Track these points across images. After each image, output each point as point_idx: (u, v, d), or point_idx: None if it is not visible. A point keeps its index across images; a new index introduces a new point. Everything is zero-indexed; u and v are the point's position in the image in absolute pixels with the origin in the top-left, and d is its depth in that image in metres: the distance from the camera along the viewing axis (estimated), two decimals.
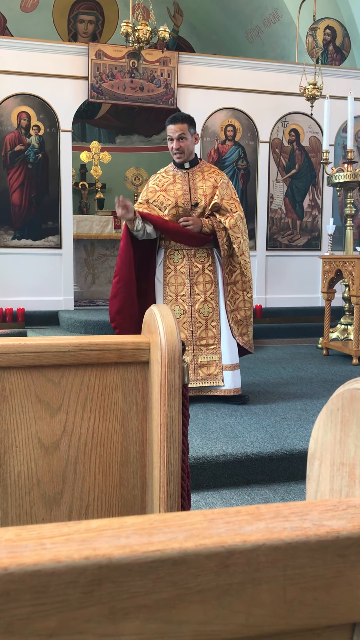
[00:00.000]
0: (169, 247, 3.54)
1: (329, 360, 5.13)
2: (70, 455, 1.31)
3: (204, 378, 3.53)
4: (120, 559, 0.42)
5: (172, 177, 3.54)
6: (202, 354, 3.54)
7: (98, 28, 9.41)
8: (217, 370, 3.54)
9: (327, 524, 0.47)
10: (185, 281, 3.52)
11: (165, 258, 3.54)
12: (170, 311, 1.26)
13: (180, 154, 3.48)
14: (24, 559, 0.41)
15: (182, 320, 3.52)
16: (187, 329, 3.53)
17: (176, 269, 3.52)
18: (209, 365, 3.54)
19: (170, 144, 3.50)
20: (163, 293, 3.54)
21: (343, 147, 7.02)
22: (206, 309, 3.53)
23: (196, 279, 3.52)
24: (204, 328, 3.54)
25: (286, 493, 2.68)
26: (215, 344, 3.55)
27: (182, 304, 3.52)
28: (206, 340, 3.54)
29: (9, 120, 6.25)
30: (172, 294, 3.53)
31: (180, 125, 3.44)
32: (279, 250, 7.08)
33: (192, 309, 3.52)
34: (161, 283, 3.55)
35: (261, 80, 6.80)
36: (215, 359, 3.54)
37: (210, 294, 3.53)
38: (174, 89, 6.59)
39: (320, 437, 0.73)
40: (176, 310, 3.52)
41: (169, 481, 1.17)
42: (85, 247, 8.21)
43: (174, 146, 3.47)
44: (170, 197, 3.46)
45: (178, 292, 3.53)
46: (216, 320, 3.54)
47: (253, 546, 0.45)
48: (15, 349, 1.25)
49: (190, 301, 3.52)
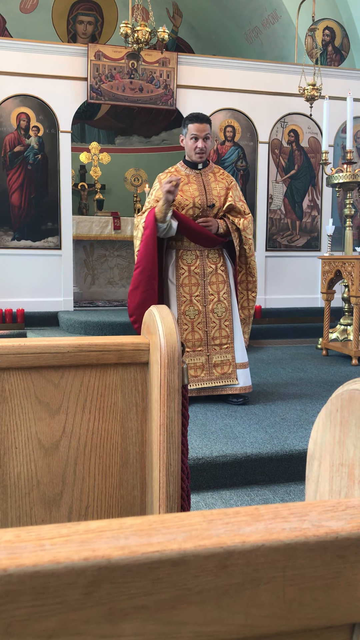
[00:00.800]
0: (181, 248, 3.53)
1: (329, 361, 5.13)
2: (70, 456, 1.31)
3: (219, 377, 3.55)
4: (119, 560, 0.42)
5: (185, 177, 3.53)
6: (216, 353, 3.55)
7: (97, 29, 9.42)
8: (231, 369, 3.57)
9: (326, 525, 0.47)
10: (199, 282, 3.52)
11: (177, 259, 3.53)
12: (170, 312, 1.26)
13: (202, 154, 3.48)
14: (23, 560, 0.41)
15: (197, 320, 3.52)
16: (202, 330, 3.53)
17: (190, 269, 3.52)
18: (223, 364, 3.56)
19: (192, 143, 3.46)
20: (176, 294, 3.52)
21: (342, 148, 7.03)
22: (220, 308, 3.55)
23: (210, 279, 3.53)
24: (217, 328, 3.55)
25: (286, 494, 2.68)
26: (229, 343, 3.57)
27: (196, 305, 3.52)
28: (220, 340, 3.56)
29: (8, 121, 6.25)
30: (186, 295, 3.53)
31: (206, 125, 3.44)
32: (278, 251, 7.09)
33: (206, 309, 3.53)
34: (174, 284, 3.53)
35: (260, 81, 6.81)
36: (229, 358, 3.57)
37: (223, 294, 3.56)
38: (173, 89, 6.59)
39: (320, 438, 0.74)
40: (190, 311, 3.52)
41: (169, 482, 1.17)
42: (84, 248, 8.21)
43: (198, 145, 3.45)
44: (188, 197, 3.46)
45: (192, 292, 3.53)
46: (229, 319, 3.58)
47: (252, 547, 0.45)
48: (15, 350, 1.25)
49: (204, 301, 3.53)
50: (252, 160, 6.92)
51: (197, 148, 3.46)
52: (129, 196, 9.74)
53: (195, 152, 3.48)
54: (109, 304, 7.68)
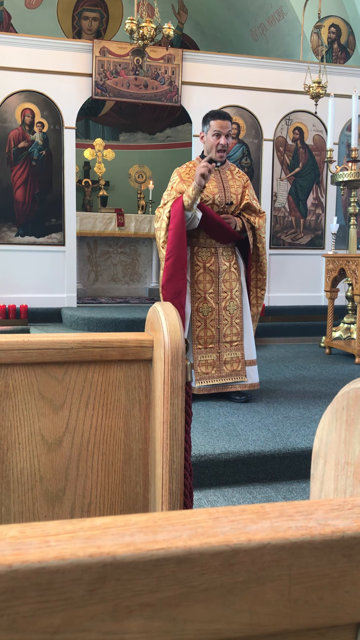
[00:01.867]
0: (196, 245, 3.52)
1: (332, 359, 5.12)
2: (73, 453, 1.31)
3: (229, 374, 3.56)
4: (124, 556, 0.42)
5: None
6: (227, 350, 3.56)
7: (102, 25, 9.40)
8: (240, 366, 3.58)
9: (332, 524, 0.47)
10: (214, 279, 3.53)
11: (192, 255, 3.52)
12: (174, 309, 1.26)
13: (223, 151, 3.47)
14: (28, 556, 0.40)
15: (210, 317, 3.53)
16: (214, 327, 3.53)
17: (205, 266, 3.52)
18: (233, 361, 3.57)
19: (215, 139, 3.44)
20: (191, 291, 3.52)
21: (347, 146, 7.01)
22: (232, 306, 3.56)
23: (224, 277, 3.54)
24: (229, 325, 3.56)
25: (288, 492, 2.68)
26: (239, 341, 3.59)
27: (209, 302, 3.53)
28: (230, 337, 3.57)
29: (13, 117, 6.25)
30: (200, 292, 3.53)
31: (228, 122, 3.44)
32: (282, 249, 7.08)
33: (219, 307, 3.54)
34: (188, 281, 3.52)
35: (265, 78, 6.79)
36: (239, 355, 3.58)
37: (236, 292, 3.58)
38: (178, 86, 6.58)
39: (325, 436, 0.73)
40: (204, 308, 3.52)
41: (172, 479, 1.17)
42: (88, 244, 8.22)
43: (221, 142, 3.43)
44: (208, 193, 3.46)
45: (206, 289, 3.53)
46: (240, 317, 3.59)
47: (258, 545, 0.44)
48: (19, 346, 1.25)
49: (217, 299, 3.54)
50: (256, 157, 6.90)
51: (219, 145, 3.44)
52: (132, 193, 9.74)
53: (217, 149, 3.46)
54: (112, 301, 7.68)
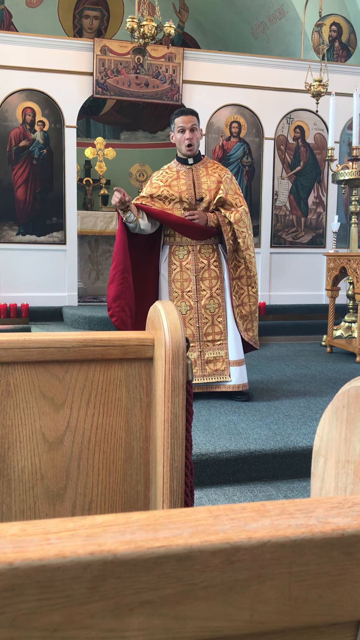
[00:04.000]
0: (173, 244, 3.54)
1: (333, 358, 5.12)
2: (74, 451, 1.31)
3: (211, 374, 3.54)
4: (125, 554, 0.42)
5: (175, 173, 3.54)
6: (209, 349, 3.54)
7: (103, 24, 9.39)
8: (223, 365, 3.54)
9: (332, 522, 0.47)
10: (191, 277, 3.52)
11: (170, 254, 3.54)
12: (175, 307, 1.26)
13: (191, 146, 3.49)
14: (29, 553, 0.41)
15: (189, 316, 3.52)
16: (194, 325, 3.53)
17: (182, 264, 3.52)
18: (216, 361, 3.54)
19: (181, 136, 3.49)
20: (168, 290, 3.53)
21: (348, 144, 7.00)
22: (212, 304, 3.53)
23: (202, 275, 3.52)
24: (210, 324, 3.54)
25: (289, 490, 2.68)
26: (222, 340, 3.55)
27: (188, 300, 3.52)
28: (212, 336, 3.54)
29: (14, 116, 6.25)
30: (177, 290, 3.53)
31: (191, 117, 3.48)
32: (283, 248, 7.07)
33: (198, 305, 3.52)
34: (166, 280, 3.55)
35: (266, 77, 6.78)
36: (222, 355, 3.55)
37: (216, 290, 3.53)
38: (179, 85, 6.57)
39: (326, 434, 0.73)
40: (182, 306, 3.52)
41: (173, 477, 1.17)
42: (89, 243, 8.21)
43: (186, 137, 3.47)
44: (175, 192, 3.46)
45: (184, 288, 3.53)
46: (222, 315, 3.55)
47: (258, 543, 0.45)
48: (20, 345, 1.25)
49: (196, 297, 3.52)
50: (257, 156, 6.90)
51: (185, 140, 3.47)
52: (134, 191, 9.73)
53: (184, 145, 3.49)
54: None
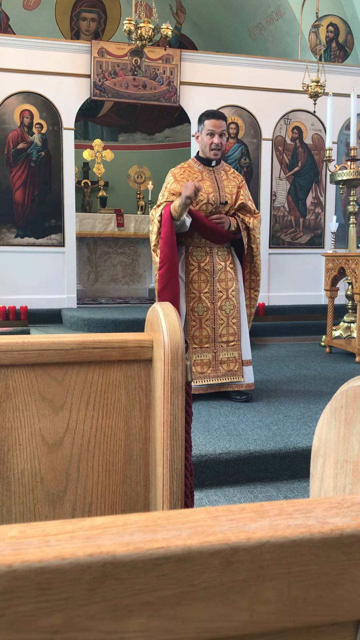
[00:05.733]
0: (191, 245, 3.53)
1: (332, 358, 5.13)
2: (74, 453, 1.31)
3: (225, 374, 3.55)
4: (124, 556, 0.42)
5: (199, 173, 3.53)
6: (223, 350, 3.55)
7: (100, 26, 9.40)
8: (237, 366, 3.57)
9: (331, 522, 0.47)
10: (209, 278, 3.52)
11: (187, 255, 3.53)
12: (173, 309, 1.26)
13: (218, 150, 3.48)
14: (28, 555, 0.41)
15: (205, 317, 3.52)
16: (209, 327, 3.53)
17: (200, 266, 3.52)
18: (229, 361, 3.56)
19: (209, 139, 3.46)
20: (185, 290, 3.53)
21: (346, 145, 7.01)
22: (228, 306, 3.55)
23: (219, 277, 3.53)
24: (225, 325, 3.55)
25: (289, 491, 2.68)
26: (236, 341, 3.58)
27: (205, 302, 3.52)
28: (227, 337, 3.56)
29: (11, 119, 6.25)
30: (195, 291, 3.53)
31: (222, 122, 3.46)
32: (281, 248, 7.08)
33: (215, 306, 3.53)
34: (183, 281, 3.53)
35: (264, 78, 6.79)
36: (235, 355, 3.57)
37: (232, 291, 3.56)
38: (177, 86, 6.58)
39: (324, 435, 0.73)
40: (199, 307, 3.52)
41: (172, 479, 1.17)
42: (88, 245, 8.21)
43: (214, 141, 3.45)
44: (202, 193, 3.45)
45: (201, 289, 3.53)
46: (237, 317, 3.58)
47: (257, 543, 0.45)
48: (19, 347, 1.25)
49: (212, 298, 3.53)
50: (255, 157, 6.90)
51: (212, 144, 3.46)
52: (132, 193, 9.74)
53: (210, 149, 3.48)
54: (112, 301, 7.68)
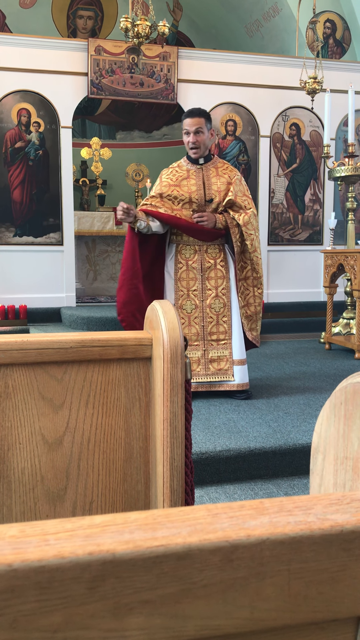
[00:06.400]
0: (180, 242, 3.53)
1: (332, 355, 5.13)
2: (74, 452, 1.31)
3: (215, 373, 3.54)
4: (124, 554, 0.42)
5: (186, 172, 3.52)
6: (213, 349, 3.54)
7: (97, 24, 9.39)
8: (227, 365, 3.55)
9: (331, 518, 0.47)
10: (197, 276, 3.52)
11: (176, 253, 3.53)
12: (172, 307, 1.26)
13: (196, 149, 3.46)
14: (28, 555, 0.41)
15: (194, 315, 3.52)
16: (198, 324, 3.53)
17: (188, 264, 3.52)
18: (220, 360, 3.55)
19: (186, 138, 3.46)
20: (174, 288, 3.53)
21: (344, 141, 7.00)
22: (217, 304, 3.53)
23: (208, 274, 3.52)
24: (215, 323, 3.54)
25: (290, 487, 2.68)
26: (226, 339, 3.56)
27: (193, 299, 3.52)
28: (217, 336, 3.54)
29: (9, 117, 6.24)
30: (183, 289, 3.53)
31: (197, 119, 3.41)
32: (280, 245, 7.07)
33: (204, 304, 3.52)
34: (172, 278, 3.54)
35: (261, 75, 6.78)
36: (226, 354, 3.55)
37: (222, 289, 3.54)
38: (174, 84, 6.57)
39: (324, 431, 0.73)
40: (187, 305, 3.52)
41: (173, 477, 1.17)
42: (86, 243, 8.21)
43: (190, 140, 3.43)
44: (184, 192, 3.45)
45: (189, 287, 3.53)
46: (227, 315, 3.55)
47: (257, 540, 0.45)
48: (18, 346, 1.25)
49: (201, 296, 3.52)
50: (253, 154, 6.90)
51: (188, 143, 3.45)
52: (130, 191, 9.73)
53: (188, 147, 3.48)
54: (111, 300, 7.68)
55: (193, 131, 3.42)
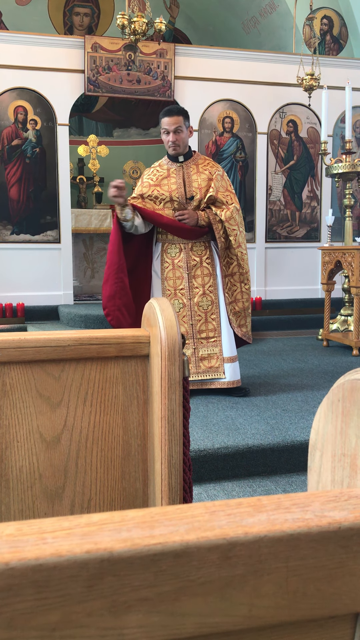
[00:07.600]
0: (165, 241, 3.53)
1: (329, 352, 5.13)
2: (72, 450, 1.31)
3: (205, 371, 3.53)
4: (121, 552, 0.42)
5: (166, 171, 3.52)
6: (203, 347, 3.54)
7: (94, 21, 9.36)
8: (218, 362, 3.54)
9: (328, 515, 0.47)
10: (183, 275, 3.51)
11: (162, 252, 3.54)
12: (170, 304, 1.26)
13: (176, 147, 3.45)
14: (25, 553, 0.40)
15: (182, 314, 3.52)
16: (187, 323, 3.53)
17: (174, 262, 3.52)
18: (210, 358, 3.54)
19: (165, 137, 3.46)
20: (161, 287, 3.53)
21: (341, 138, 7.00)
22: (205, 302, 3.52)
23: (194, 272, 3.52)
24: (203, 321, 3.54)
25: (287, 484, 2.69)
26: (216, 337, 3.54)
27: (180, 298, 3.52)
28: (206, 333, 3.54)
29: (5, 115, 6.22)
30: (170, 288, 3.53)
31: (176, 118, 3.40)
32: (278, 242, 7.07)
33: (191, 303, 3.52)
34: (159, 277, 3.54)
35: (258, 72, 6.77)
36: (216, 352, 3.54)
37: (209, 287, 3.53)
38: (171, 81, 6.55)
39: (322, 428, 0.73)
40: (175, 304, 3.52)
41: (171, 474, 1.17)
42: (84, 241, 8.19)
43: (170, 139, 3.43)
44: (165, 191, 3.44)
45: (176, 285, 3.53)
46: (216, 313, 3.54)
47: (255, 538, 0.45)
48: (15, 344, 1.25)
49: (189, 294, 3.52)
50: (251, 151, 6.89)
51: (168, 142, 3.45)
52: (127, 188, 9.72)
53: (168, 146, 3.47)
54: None
55: (172, 130, 3.41)
